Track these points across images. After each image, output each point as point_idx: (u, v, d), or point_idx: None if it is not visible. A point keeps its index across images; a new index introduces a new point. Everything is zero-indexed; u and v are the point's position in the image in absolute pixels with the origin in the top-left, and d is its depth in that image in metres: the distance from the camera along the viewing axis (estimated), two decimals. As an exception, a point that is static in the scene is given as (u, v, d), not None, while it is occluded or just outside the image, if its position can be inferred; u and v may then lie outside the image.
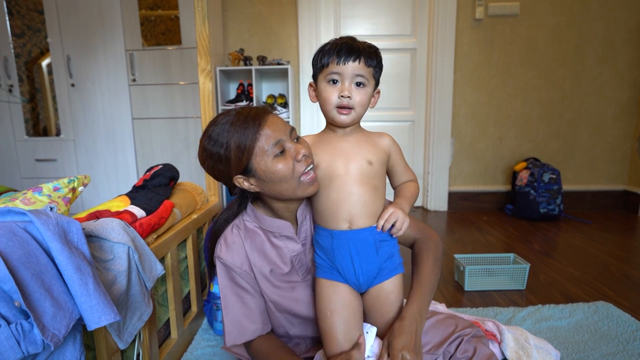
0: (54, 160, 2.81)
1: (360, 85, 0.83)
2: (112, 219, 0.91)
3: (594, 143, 2.94)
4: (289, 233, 0.93)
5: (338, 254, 0.86)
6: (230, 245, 0.92)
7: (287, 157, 0.82)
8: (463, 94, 2.93)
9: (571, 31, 2.81)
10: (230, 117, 0.83)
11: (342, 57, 0.80)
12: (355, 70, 0.81)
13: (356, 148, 0.87)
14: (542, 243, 2.28)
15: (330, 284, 0.89)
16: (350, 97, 0.82)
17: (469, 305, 1.53)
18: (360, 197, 0.84)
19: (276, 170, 0.81)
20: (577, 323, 1.34)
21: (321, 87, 0.85)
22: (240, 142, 0.80)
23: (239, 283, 0.92)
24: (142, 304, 0.92)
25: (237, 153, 0.80)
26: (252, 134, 0.80)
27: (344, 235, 0.85)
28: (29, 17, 2.88)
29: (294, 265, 0.94)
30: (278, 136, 0.81)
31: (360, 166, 0.85)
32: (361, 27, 2.97)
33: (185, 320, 1.28)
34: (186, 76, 2.69)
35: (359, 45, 0.83)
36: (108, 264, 0.86)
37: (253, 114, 0.82)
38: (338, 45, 0.82)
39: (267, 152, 0.80)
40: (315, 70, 0.87)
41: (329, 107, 0.85)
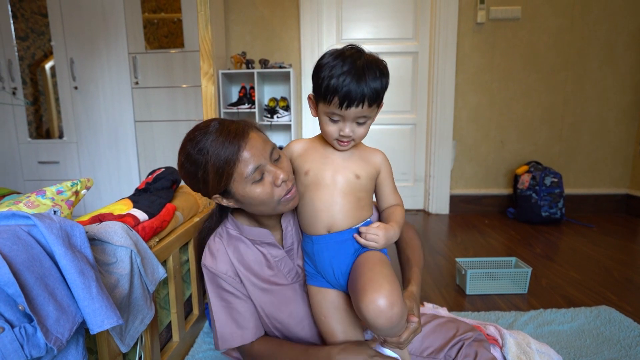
0: (57, 162, 2.83)
1: (362, 123, 0.81)
2: (114, 222, 0.92)
3: (596, 146, 2.94)
4: (270, 240, 0.94)
5: (318, 258, 0.88)
6: (214, 253, 0.93)
7: (265, 183, 0.81)
8: (465, 97, 2.94)
9: (573, 35, 2.81)
10: (208, 135, 0.79)
11: (344, 101, 0.75)
12: (357, 114, 0.78)
13: (347, 161, 0.87)
14: (544, 247, 2.27)
15: (318, 291, 0.91)
16: (351, 135, 0.81)
17: (471, 309, 1.53)
18: (343, 207, 0.85)
19: (254, 196, 0.81)
20: (579, 328, 1.33)
21: (321, 118, 0.83)
22: (218, 166, 0.77)
23: (226, 289, 0.93)
24: (144, 307, 0.92)
25: (215, 176, 0.78)
26: (231, 158, 0.77)
27: (322, 240, 0.86)
28: (32, 20, 2.90)
29: (280, 269, 0.95)
30: (257, 161, 0.79)
31: (348, 179, 0.85)
32: (363, 31, 2.98)
33: (187, 324, 1.28)
34: (189, 79, 2.71)
35: (365, 79, 0.75)
36: (111, 267, 0.86)
37: (232, 134, 0.78)
38: (344, 80, 0.74)
39: (245, 178, 0.79)
40: (315, 91, 0.82)
41: (328, 138, 0.84)
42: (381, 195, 0.92)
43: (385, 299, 0.70)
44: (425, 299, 1.63)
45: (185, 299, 1.31)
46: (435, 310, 1.36)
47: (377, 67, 0.77)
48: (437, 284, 1.78)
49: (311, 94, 0.85)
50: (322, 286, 0.90)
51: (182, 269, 1.26)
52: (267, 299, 0.94)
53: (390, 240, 0.83)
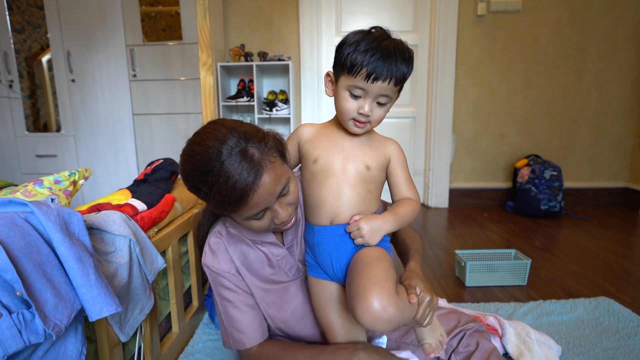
0: (55, 156, 2.81)
1: (383, 104, 0.77)
2: (113, 212, 0.91)
3: (595, 140, 2.93)
4: (271, 240, 0.93)
5: (318, 250, 0.86)
6: (215, 252, 0.91)
7: (265, 218, 0.80)
8: (464, 91, 2.92)
9: (573, 27, 2.80)
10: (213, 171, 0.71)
11: (372, 73, 0.71)
12: (381, 90, 0.74)
13: (358, 149, 0.83)
14: (543, 240, 2.28)
15: (317, 282, 0.90)
16: (369, 114, 0.77)
17: (470, 300, 1.53)
18: (350, 199, 0.82)
19: (250, 226, 0.81)
20: (578, 318, 1.33)
21: (340, 94, 0.78)
22: (220, 204, 0.74)
23: (228, 287, 0.92)
24: (143, 296, 0.92)
25: (215, 205, 0.75)
26: (233, 205, 0.73)
27: (324, 231, 0.84)
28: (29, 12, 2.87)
29: (281, 267, 0.94)
30: (264, 205, 0.76)
31: (358, 169, 0.81)
32: (362, 23, 2.93)
33: (187, 315, 1.27)
34: (187, 72, 2.69)
35: (396, 55, 0.72)
36: (109, 256, 0.86)
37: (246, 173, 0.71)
38: (374, 53, 0.71)
39: (245, 217, 0.78)
40: (338, 66, 0.77)
41: (344, 117, 0.79)
42: (392, 187, 0.87)
43: (377, 304, 0.68)
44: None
45: (185, 290, 1.30)
46: (435, 301, 1.36)
47: (406, 51, 0.75)
48: (437, 276, 1.78)
49: (330, 71, 0.81)
50: (321, 278, 0.89)
51: (182, 260, 1.26)
52: (269, 299, 0.93)
53: (376, 232, 0.78)
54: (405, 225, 0.84)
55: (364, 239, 0.78)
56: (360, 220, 0.79)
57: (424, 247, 2.16)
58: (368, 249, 0.80)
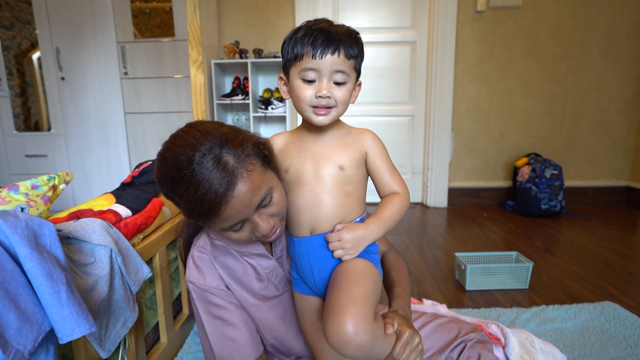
0: (45, 156, 2.75)
1: (341, 83, 0.71)
2: (93, 219, 0.85)
3: (596, 138, 2.89)
4: (260, 251, 0.86)
5: (300, 262, 0.80)
6: (200, 267, 0.83)
7: (245, 229, 0.73)
8: (464, 88, 2.87)
9: (574, 24, 2.74)
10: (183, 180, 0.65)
11: (318, 48, 0.67)
12: (334, 66, 0.68)
13: (329, 150, 0.76)
14: (544, 240, 2.23)
15: (301, 298, 0.84)
16: (329, 96, 0.70)
17: (471, 305, 1.48)
18: (327, 206, 0.75)
19: (230, 238, 0.75)
20: (583, 324, 1.29)
21: (294, 84, 0.72)
22: (191, 209, 0.66)
23: (218, 304, 0.84)
24: (126, 309, 0.87)
25: (188, 214, 0.69)
26: (205, 217, 0.67)
27: (304, 242, 0.78)
28: (18, 8, 2.80)
29: (271, 280, 0.88)
30: (240, 217, 0.69)
31: (331, 172, 0.74)
32: (360, 19, 2.89)
33: (176, 324, 1.22)
34: (180, 69, 2.62)
35: (338, 31, 0.69)
36: (88, 267, 0.80)
37: (211, 194, 0.64)
38: (313, 33, 0.68)
39: (221, 229, 0.72)
40: (286, 61, 0.72)
41: (303, 107, 0.72)
42: (376, 182, 0.79)
43: (350, 326, 0.61)
44: (424, 295, 1.58)
45: (174, 298, 1.25)
46: (435, 308, 1.32)
47: (351, 30, 0.72)
48: (436, 279, 1.73)
49: (281, 74, 0.77)
50: (304, 293, 0.83)
51: (171, 267, 1.21)
52: (261, 315, 0.87)
53: (360, 242, 0.72)
54: (392, 226, 0.77)
55: (345, 250, 0.72)
56: (342, 230, 0.73)
57: (422, 248, 2.12)
58: (353, 261, 0.73)
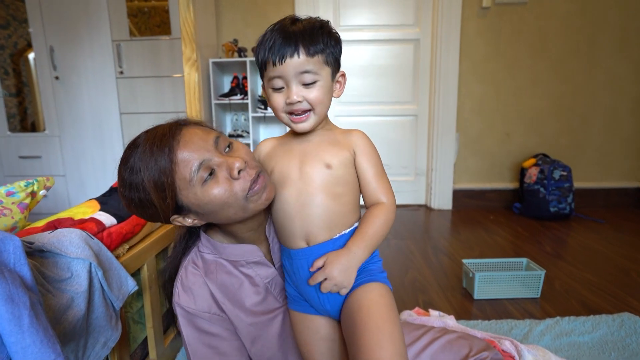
0: (39, 157, 2.68)
1: (310, 84, 0.66)
2: (70, 230, 0.78)
3: (606, 138, 2.80)
4: (258, 258, 0.78)
5: (299, 277, 0.73)
6: (190, 288, 0.76)
7: (219, 178, 0.66)
8: (469, 87, 2.79)
9: (583, 20, 2.65)
10: (137, 148, 0.65)
11: (276, 54, 0.64)
12: (297, 68, 0.64)
13: (315, 149, 0.72)
14: (554, 244, 2.15)
15: (301, 317, 0.77)
16: (300, 100, 0.66)
17: (480, 316, 1.40)
18: (317, 208, 0.69)
19: (211, 198, 0.65)
20: (602, 339, 1.21)
21: (267, 93, 0.70)
22: (155, 178, 0.63)
23: (210, 331, 0.76)
24: (107, 328, 0.79)
25: (157, 193, 0.64)
26: (165, 165, 0.63)
27: (301, 254, 0.71)
28: (13, 7, 2.73)
29: (270, 291, 0.80)
30: (199, 156, 0.65)
31: (317, 170, 0.70)
32: (362, 17, 2.82)
33: (166, 338, 1.15)
34: (177, 68, 2.55)
35: (296, 29, 0.65)
36: (64, 284, 0.73)
37: (160, 136, 0.64)
38: (272, 37, 0.65)
39: (191, 181, 0.64)
40: (259, 69, 0.71)
41: (280, 115, 0.70)
42: (362, 186, 0.73)
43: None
44: (429, 304, 1.50)
45: (165, 310, 1.17)
46: (442, 320, 1.24)
47: (316, 22, 0.67)
48: (442, 287, 1.65)
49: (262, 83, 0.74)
50: (305, 312, 0.76)
51: (161, 278, 1.13)
52: (256, 334, 0.79)
53: (349, 269, 0.66)
54: (379, 243, 0.71)
55: (338, 286, 0.66)
56: (325, 268, 0.66)
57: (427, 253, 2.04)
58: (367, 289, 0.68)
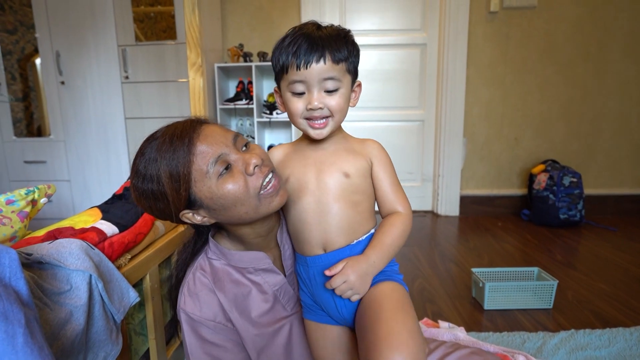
0: (44, 162, 2.68)
1: (333, 91, 0.67)
2: (70, 240, 0.76)
3: (617, 144, 2.75)
4: (266, 265, 0.76)
5: (315, 284, 0.72)
6: (196, 294, 0.74)
7: (235, 173, 0.65)
8: (476, 92, 2.75)
9: (593, 24, 2.62)
10: (155, 140, 0.66)
11: (301, 58, 0.64)
12: (322, 74, 0.65)
13: (332, 157, 0.72)
14: (565, 253, 2.10)
15: (317, 327, 0.75)
16: (322, 107, 0.66)
17: (491, 328, 1.36)
18: (336, 217, 0.69)
19: (225, 193, 0.64)
20: (619, 354, 1.16)
21: (285, 98, 0.70)
22: (171, 169, 0.63)
23: (213, 341, 0.74)
24: (107, 342, 0.76)
25: (171, 185, 0.63)
26: (183, 156, 0.63)
27: (318, 261, 0.70)
28: (21, 12, 2.75)
29: (279, 299, 0.78)
30: (217, 150, 0.64)
31: (336, 179, 0.70)
32: (368, 21, 2.80)
33: (169, 349, 1.12)
34: (182, 73, 2.54)
35: (323, 35, 0.65)
36: (62, 297, 0.70)
37: (180, 129, 0.65)
38: (296, 41, 0.64)
39: (207, 173, 0.64)
40: (276, 73, 0.71)
41: (298, 120, 0.70)
42: (378, 195, 0.73)
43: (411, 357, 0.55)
44: (438, 315, 1.47)
45: (168, 321, 1.15)
46: (452, 332, 1.20)
47: (339, 30, 0.68)
48: (451, 296, 1.61)
49: (276, 87, 0.74)
50: (321, 322, 0.74)
51: (164, 287, 1.10)
52: (262, 343, 0.77)
53: (366, 276, 0.65)
54: (395, 253, 0.70)
55: (354, 290, 0.64)
56: (345, 270, 0.64)
57: (434, 261, 2.00)
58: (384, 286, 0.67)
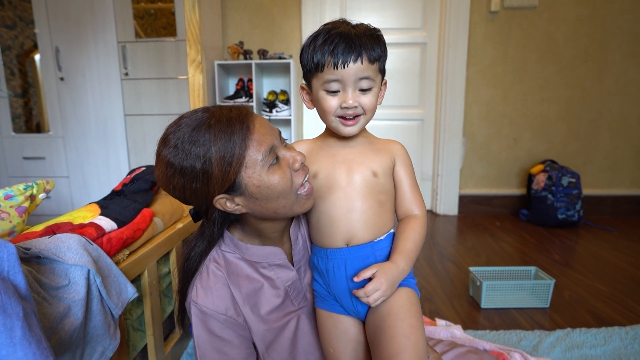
0: (43, 158, 2.67)
1: (367, 89, 0.68)
2: (69, 235, 0.76)
3: (616, 145, 2.75)
4: (281, 260, 0.77)
5: (333, 277, 0.73)
6: (210, 287, 0.73)
7: (283, 167, 0.67)
8: (476, 92, 2.76)
9: (593, 25, 2.62)
10: (202, 119, 0.64)
11: (339, 57, 0.65)
12: (358, 73, 0.66)
13: (361, 156, 0.74)
14: (563, 253, 2.11)
15: (329, 317, 0.76)
16: (356, 105, 0.68)
17: (488, 326, 1.36)
18: (363, 214, 0.71)
19: (273, 183, 0.65)
20: (615, 352, 1.17)
21: (318, 96, 0.70)
22: (225, 151, 0.62)
23: (221, 335, 0.73)
24: (105, 337, 0.77)
25: (221, 166, 0.62)
26: (240, 141, 0.62)
27: (339, 254, 0.72)
28: (21, 7, 2.74)
29: (289, 295, 0.79)
30: (270, 141, 0.66)
31: (365, 178, 0.72)
32: (368, 20, 2.74)
33: (167, 345, 1.12)
34: (182, 70, 2.54)
35: (359, 33, 0.66)
36: (60, 291, 0.70)
37: (236, 114, 0.64)
38: (333, 40, 0.65)
39: (259, 162, 0.64)
40: (307, 71, 0.71)
41: (330, 118, 0.71)
42: (398, 195, 0.76)
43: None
44: (436, 313, 1.47)
45: (166, 317, 1.15)
46: (449, 330, 1.21)
47: (371, 30, 0.69)
48: (448, 295, 1.62)
49: (303, 83, 0.75)
50: (334, 311, 0.75)
51: (162, 283, 1.11)
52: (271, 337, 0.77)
53: (395, 282, 0.67)
54: (417, 256, 0.72)
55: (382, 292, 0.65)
56: (378, 277, 0.65)
57: (432, 260, 2.00)
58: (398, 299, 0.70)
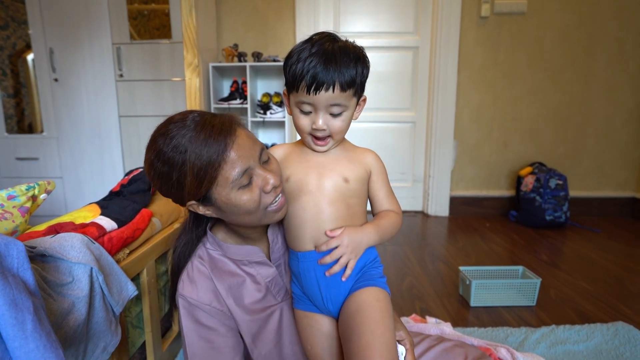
0: (36, 159, 2.67)
1: (337, 114, 0.71)
2: (72, 234, 0.78)
3: (602, 148, 2.83)
4: (260, 258, 0.81)
5: (304, 279, 0.77)
6: (195, 280, 0.78)
7: (253, 188, 0.69)
8: (467, 95, 2.82)
9: (581, 31, 2.69)
10: (187, 129, 0.65)
11: (312, 84, 0.66)
12: (330, 100, 0.68)
13: (333, 163, 0.76)
14: (550, 253, 2.17)
15: (305, 316, 0.80)
16: (325, 129, 0.71)
17: (476, 324, 1.41)
18: (330, 216, 0.74)
19: (240, 203, 0.68)
20: (596, 348, 1.22)
21: (293, 111, 0.74)
22: (199, 167, 0.64)
23: (207, 324, 0.77)
24: (106, 333, 0.79)
25: (193, 180, 0.65)
26: (215, 159, 0.64)
27: (309, 257, 0.75)
28: (13, 8, 2.74)
29: (270, 289, 0.83)
30: (246, 163, 0.67)
31: (335, 183, 0.75)
32: (361, 24, 2.84)
33: (164, 342, 1.15)
34: (176, 72, 2.56)
35: (337, 57, 0.66)
36: (65, 288, 0.73)
37: (217, 129, 0.65)
38: (311, 61, 0.65)
39: (230, 183, 0.66)
40: (286, 82, 0.73)
41: (302, 134, 0.75)
42: (374, 202, 0.81)
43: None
44: (426, 311, 1.51)
45: (164, 314, 1.17)
46: (439, 327, 1.25)
47: (352, 52, 0.69)
48: (439, 294, 1.66)
49: (285, 89, 0.76)
50: (309, 311, 0.79)
51: (160, 282, 1.13)
52: (255, 329, 0.81)
53: (360, 244, 0.72)
54: (388, 238, 0.78)
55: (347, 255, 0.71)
56: (342, 234, 0.71)
57: (423, 260, 2.05)
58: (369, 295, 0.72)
